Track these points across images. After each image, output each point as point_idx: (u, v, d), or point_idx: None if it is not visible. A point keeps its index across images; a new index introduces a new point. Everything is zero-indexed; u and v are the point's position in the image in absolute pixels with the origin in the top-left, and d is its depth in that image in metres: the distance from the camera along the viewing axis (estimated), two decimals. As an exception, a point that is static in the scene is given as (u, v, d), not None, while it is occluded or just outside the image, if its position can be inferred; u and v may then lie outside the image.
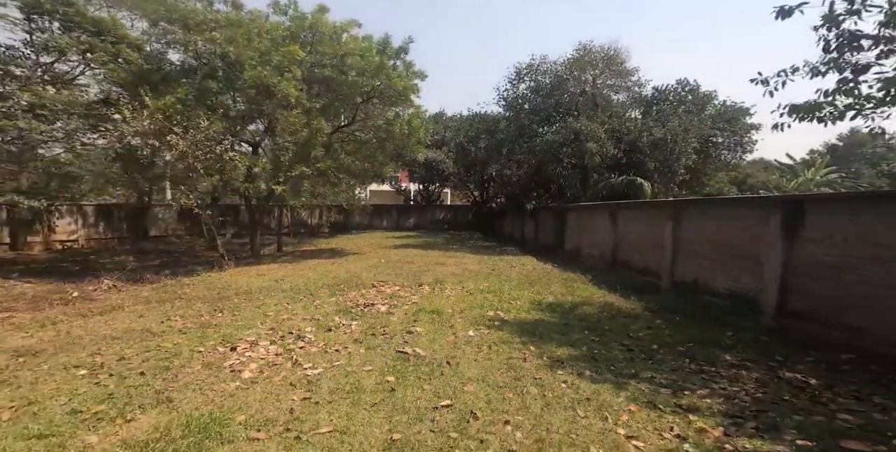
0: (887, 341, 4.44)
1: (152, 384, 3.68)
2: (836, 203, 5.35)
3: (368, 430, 2.89)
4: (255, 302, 7.10)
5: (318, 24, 12.60)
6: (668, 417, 3.22)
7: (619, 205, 10.80)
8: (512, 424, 3.02)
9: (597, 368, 4.19)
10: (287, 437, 2.80)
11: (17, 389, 3.57)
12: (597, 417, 3.17)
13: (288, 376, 3.87)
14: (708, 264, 7.42)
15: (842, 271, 5.01)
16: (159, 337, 5.13)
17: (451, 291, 7.90)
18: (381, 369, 4.00)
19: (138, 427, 2.92)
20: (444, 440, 2.78)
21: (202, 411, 3.11)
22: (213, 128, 10.31)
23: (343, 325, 5.55)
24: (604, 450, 2.71)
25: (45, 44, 11.78)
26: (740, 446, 2.82)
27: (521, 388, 3.62)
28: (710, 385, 3.83)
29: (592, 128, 13.09)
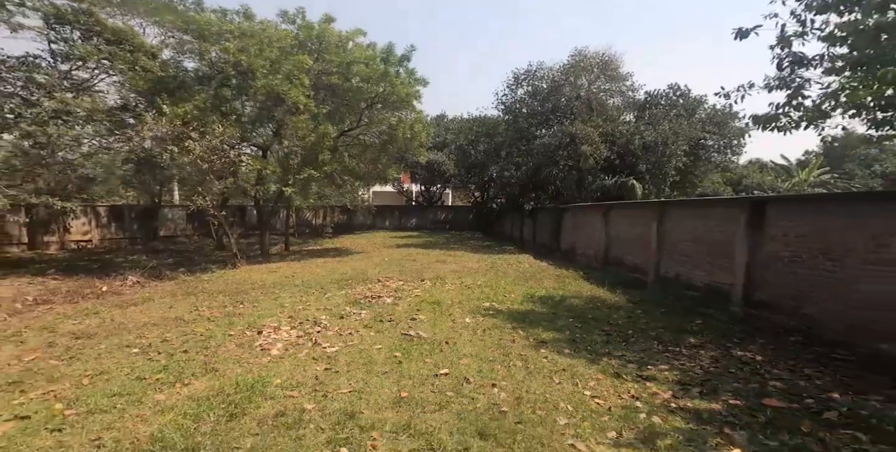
0: (831, 327, 5.11)
1: (197, 359, 4.39)
2: (793, 204, 6.03)
3: (381, 390, 3.59)
4: (271, 295, 7.81)
5: (325, 34, 13.30)
6: (629, 384, 3.91)
7: (610, 206, 11.48)
8: (498, 387, 3.71)
9: (575, 348, 4.88)
10: (316, 395, 3.50)
11: (87, 363, 4.28)
12: (569, 383, 3.86)
13: (310, 352, 4.57)
14: (688, 260, 8.10)
15: (797, 266, 5.68)
16: (192, 323, 5.84)
17: (450, 285, 8.60)
18: (389, 347, 4.70)
19: (195, 388, 3.63)
20: (442, 397, 3.48)
21: (244, 377, 3.82)
22: (228, 133, 11.04)
23: (353, 314, 6.26)
24: (570, 405, 3.40)
25: (66, 52, 12.51)
26: (682, 404, 3.50)
27: (508, 362, 4.32)
28: (670, 362, 4.51)
29: (587, 132, 13.78)
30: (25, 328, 5.61)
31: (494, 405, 3.36)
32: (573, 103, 15.12)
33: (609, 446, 2.83)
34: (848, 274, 4.97)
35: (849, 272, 4.96)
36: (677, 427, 3.09)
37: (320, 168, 12.53)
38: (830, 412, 3.34)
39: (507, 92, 17.23)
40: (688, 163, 14.47)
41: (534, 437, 2.87)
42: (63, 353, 4.59)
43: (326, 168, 12.71)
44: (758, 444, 2.88)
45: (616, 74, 15.95)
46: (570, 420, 3.16)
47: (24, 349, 4.75)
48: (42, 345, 4.86)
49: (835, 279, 5.13)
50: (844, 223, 5.04)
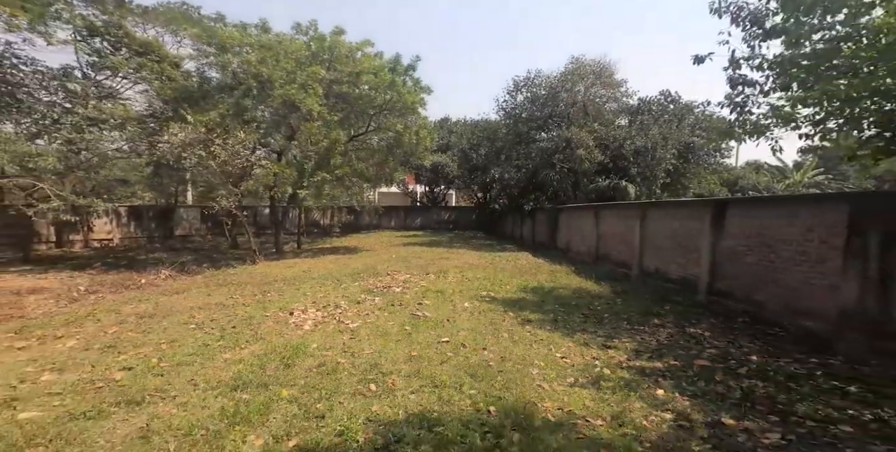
0: (772, 309, 6.11)
1: (245, 332, 5.45)
2: (748, 205, 7.02)
3: (396, 351, 4.63)
4: (293, 286, 8.89)
5: (336, 45, 14.39)
6: (594, 350, 4.93)
7: (600, 207, 12.48)
8: (487, 350, 4.75)
9: (556, 326, 5.90)
10: (345, 354, 4.56)
11: (159, 334, 5.36)
12: (544, 348, 4.89)
13: (336, 327, 5.63)
14: (666, 256, 9.09)
15: (749, 258, 6.68)
16: (231, 308, 6.91)
17: (452, 278, 9.64)
18: (401, 323, 5.76)
19: (252, 350, 4.70)
20: (443, 356, 4.52)
21: (288, 342, 4.88)
22: (249, 138, 12.14)
23: (368, 299, 7.32)
24: (542, 362, 4.43)
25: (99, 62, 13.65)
26: (632, 364, 4.52)
27: (497, 334, 5.36)
28: (633, 337, 5.53)
29: (582, 137, 14.77)
30: (94, 311, 6.72)
31: (483, 361, 4.40)
32: (570, 109, 16.12)
33: (566, 386, 3.86)
34: (784, 264, 5.96)
35: (785, 262, 5.96)
36: (622, 377, 4.11)
37: (332, 171, 13.62)
38: (742, 368, 4.36)
39: (507, 98, 18.30)
40: (678, 166, 15.42)
41: (511, 379, 3.91)
42: (136, 328, 5.67)
43: (338, 171, 13.80)
44: (678, 388, 3.89)
45: (611, 81, 16.94)
46: (541, 371, 4.19)
47: (103, 325, 5.84)
48: (115, 323, 5.95)
49: (775, 268, 6.13)
50: (784, 221, 6.03)
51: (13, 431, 2.89)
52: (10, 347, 4.88)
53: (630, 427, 3.11)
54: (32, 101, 11.81)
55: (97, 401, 3.41)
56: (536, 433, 2.97)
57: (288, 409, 3.28)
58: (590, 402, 3.50)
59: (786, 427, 3.19)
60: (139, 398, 3.47)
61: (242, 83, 12.63)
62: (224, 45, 12.94)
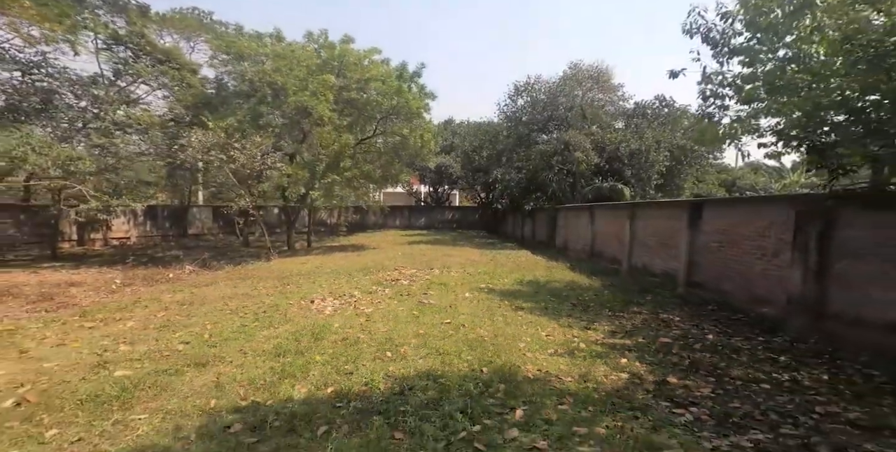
0: (737, 298, 6.95)
1: (275, 315, 6.36)
2: (719, 205, 7.86)
3: (406, 330, 5.52)
4: (309, 279, 9.80)
5: (346, 53, 15.31)
6: (575, 330, 5.79)
7: (594, 207, 13.33)
8: (483, 329, 5.63)
9: (545, 312, 6.77)
10: (363, 332, 5.45)
11: (201, 318, 6.28)
12: (532, 328, 5.76)
13: (353, 312, 6.53)
14: (651, 252, 9.94)
15: (719, 253, 7.52)
16: (257, 297, 7.83)
17: (455, 273, 10.52)
18: (409, 309, 6.65)
19: (284, 329, 5.60)
20: (446, 333, 5.40)
21: (314, 323, 5.78)
22: (265, 143, 13.08)
23: (379, 290, 8.22)
24: (529, 338, 5.30)
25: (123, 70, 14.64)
26: (605, 341, 5.38)
27: (492, 318, 6.24)
28: (612, 321, 6.38)
29: (579, 140, 15.61)
30: (139, 299, 7.66)
31: (479, 337, 5.28)
32: (568, 113, 16.96)
33: (546, 355, 4.73)
34: (747, 258, 6.80)
35: (747, 256, 6.80)
36: (594, 350, 4.97)
37: (342, 173, 14.55)
38: (698, 344, 5.22)
39: (508, 102, 19.17)
40: (671, 168, 16.23)
41: (501, 350, 4.79)
42: (180, 313, 6.60)
43: (347, 173, 14.73)
44: (639, 358, 4.75)
45: (608, 85, 17.77)
46: (527, 344, 5.06)
47: (151, 310, 6.78)
48: (161, 309, 6.89)
49: (740, 262, 6.97)
50: (747, 220, 6.87)
51: (116, 383, 3.80)
52: (81, 326, 5.82)
53: (592, 383, 3.98)
54: (64, 107, 12.80)
55: (171, 364, 4.32)
56: (518, 385, 3.85)
57: (322, 369, 4.19)
58: (563, 366, 4.37)
59: (718, 384, 4.05)
60: (203, 361, 4.38)
61: (258, 90, 13.57)
62: (242, 54, 13.88)
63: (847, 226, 5.22)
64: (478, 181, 23.44)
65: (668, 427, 3.16)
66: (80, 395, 3.52)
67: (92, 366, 4.27)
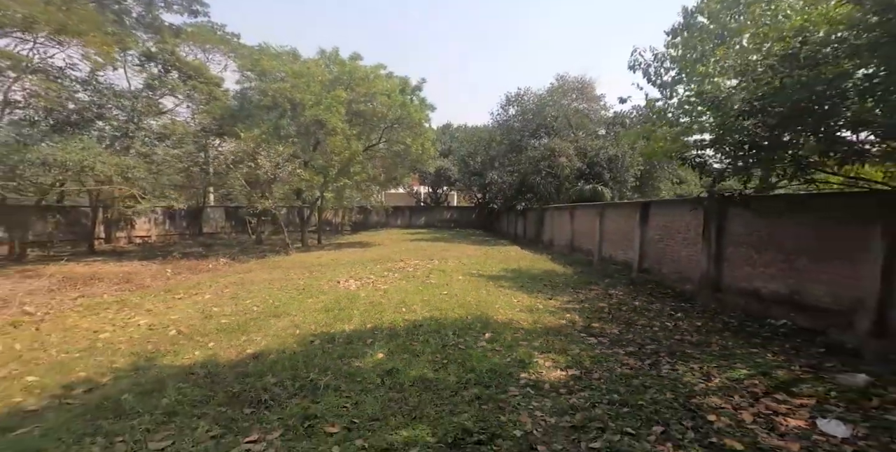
0: (670, 278, 9.07)
1: (312, 290, 8.48)
2: (661, 205, 9.98)
3: (414, 298, 7.65)
4: (330, 268, 11.92)
5: (354, 70, 17.43)
6: (539, 299, 7.91)
7: (574, 207, 15.47)
8: (470, 297, 7.75)
9: (520, 288, 8.89)
10: (383, 299, 7.57)
11: (257, 293, 8.40)
12: (507, 297, 7.89)
13: (372, 288, 8.65)
14: (615, 245, 12.06)
15: (660, 244, 9.65)
16: (292, 280, 9.94)
17: (452, 263, 12.65)
18: (415, 286, 8.78)
19: (324, 298, 7.72)
20: (443, 299, 7.53)
21: (345, 294, 7.91)
22: (286, 151, 15.19)
23: (389, 275, 10.35)
24: (503, 303, 7.41)
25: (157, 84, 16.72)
26: (559, 306, 7.50)
27: (478, 291, 8.36)
28: (570, 295, 8.49)
29: (564, 146, 17.74)
30: (199, 282, 9.78)
31: (467, 301, 7.40)
32: (554, 122, 19.11)
33: (513, 311, 6.85)
34: (678, 247, 8.93)
35: (678, 246, 8.92)
36: (549, 309, 7.09)
37: (352, 177, 16.66)
38: (624, 307, 7.34)
39: (500, 111, 21.32)
40: (646, 171, 18.36)
41: (482, 308, 6.91)
42: (239, 290, 8.71)
43: (357, 177, 16.85)
44: (579, 313, 6.87)
45: (591, 96, 19.90)
46: (500, 305, 7.18)
47: (216, 288, 8.90)
48: (222, 287, 9.01)
49: (673, 250, 9.10)
50: (678, 217, 8.99)
51: (229, 324, 5.91)
52: (172, 298, 7.94)
53: (539, 324, 6.10)
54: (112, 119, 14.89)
55: (255, 316, 6.44)
56: (489, 323, 5.97)
57: (360, 317, 6.31)
58: (523, 316, 6.50)
59: (624, 327, 6.16)
60: (277, 314, 6.50)
61: (280, 105, 15.69)
62: (264, 72, 16.00)
63: (732, 222, 7.36)
64: (474, 183, 25.60)
65: (578, 343, 5.29)
66: (212, 328, 5.65)
67: (202, 318, 6.40)
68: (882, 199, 5.17)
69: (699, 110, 7.64)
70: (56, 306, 7.51)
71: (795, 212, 6.15)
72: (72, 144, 11.74)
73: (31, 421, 3.29)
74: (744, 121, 5.29)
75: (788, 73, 4.75)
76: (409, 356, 4.61)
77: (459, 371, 4.18)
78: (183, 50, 20.24)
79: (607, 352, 4.96)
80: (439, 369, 4.24)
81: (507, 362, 4.46)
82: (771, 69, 5.06)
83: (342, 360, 4.46)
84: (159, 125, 15.13)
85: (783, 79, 4.73)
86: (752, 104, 5.09)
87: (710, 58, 7.35)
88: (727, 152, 6.04)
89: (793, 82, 4.62)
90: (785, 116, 4.74)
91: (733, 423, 3.26)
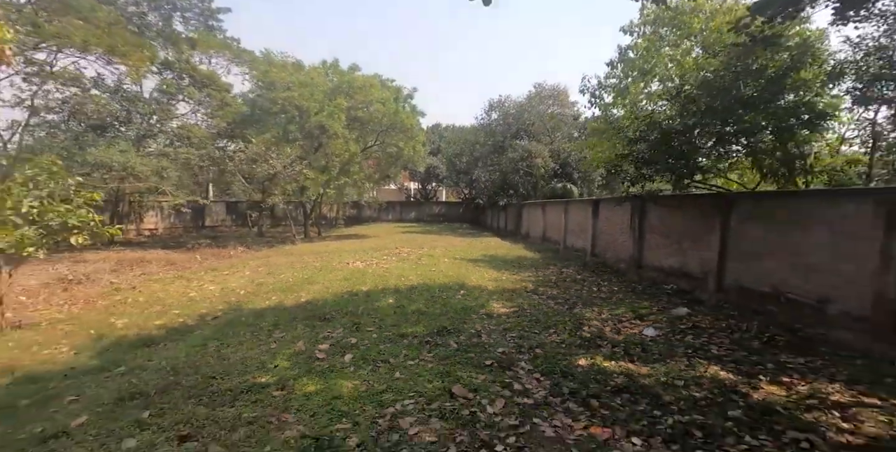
0: (611, 260, 11.72)
1: (329, 268, 10.93)
2: (605, 202, 12.61)
3: (410, 272, 10.16)
4: (336, 254, 14.35)
5: (353, 80, 19.75)
6: (506, 274, 10.48)
7: (545, 203, 18.08)
8: (452, 272, 10.29)
9: (494, 267, 11.45)
10: (385, 273, 10.06)
11: (285, 271, 10.83)
12: (481, 273, 10.44)
13: (376, 267, 11.14)
14: (576, 235, 14.68)
15: (606, 233, 12.27)
16: (309, 263, 12.35)
17: (440, 251, 15.18)
18: (410, 266, 11.29)
19: (340, 273, 10.20)
20: (432, 273, 10.05)
21: (360, 270, 10.40)
22: (294, 153, 17.52)
23: (388, 258, 12.84)
24: (476, 276, 9.95)
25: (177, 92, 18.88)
26: (520, 278, 10.07)
27: (459, 269, 10.90)
28: (531, 272, 11.07)
29: (539, 149, 20.32)
30: (232, 264, 12.15)
31: (450, 274, 9.93)
32: (531, 127, 21.70)
33: (483, 280, 9.39)
34: (617, 235, 11.56)
35: (617, 234, 11.55)
36: (511, 280, 9.65)
37: (352, 176, 19.05)
38: (569, 279, 9.95)
39: (484, 115, 23.83)
40: (611, 171, 21.06)
41: (460, 278, 9.44)
42: (269, 270, 11.12)
43: (355, 176, 19.24)
44: (533, 283, 9.44)
45: (565, 102, 22.48)
46: (475, 278, 9.71)
47: (252, 268, 11.30)
48: (256, 267, 11.40)
49: (614, 238, 11.73)
50: (617, 210, 11.61)
51: (274, 288, 8.37)
52: (219, 275, 10.34)
53: (501, 287, 8.65)
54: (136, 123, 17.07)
55: (293, 285, 8.90)
56: (465, 286, 8.51)
57: (371, 283, 8.80)
58: (490, 283, 9.05)
59: (562, 290, 8.74)
60: (311, 282, 8.97)
61: (287, 112, 17.98)
62: (273, 82, 18.26)
63: (649, 216, 9.99)
64: (461, 180, 28.10)
65: (524, 297, 7.85)
66: (268, 290, 8.12)
67: (255, 285, 8.84)
68: (716, 200, 7.80)
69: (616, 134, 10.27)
70: (131, 281, 9.88)
71: (680, 207, 8.79)
72: (113, 148, 13.97)
73: (194, 329, 5.75)
74: (636, 145, 7.89)
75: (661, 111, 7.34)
76: (409, 301, 7.13)
77: (442, 307, 6.72)
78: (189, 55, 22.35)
79: (542, 302, 7.54)
80: (429, 306, 6.77)
81: (473, 304, 7.01)
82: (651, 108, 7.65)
83: (367, 303, 6.98)
84: (179, 128, 17.31)
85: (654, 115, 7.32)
86: (637, 133, 7.69)
87: (630, 90, 9.96)
88: (632, 165, 8.64)
89: (663, 118, 7.21)
90: (656, 144, 7.34)
91: (596, 330, 5.84)
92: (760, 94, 6.89)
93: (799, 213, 6.02)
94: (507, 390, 3.80)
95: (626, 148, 8.66)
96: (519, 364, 4.44)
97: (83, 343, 5.17)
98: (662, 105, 8.42)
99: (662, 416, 3.37)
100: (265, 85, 18.38)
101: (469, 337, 5.32)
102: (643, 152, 7.76)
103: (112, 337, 5.35)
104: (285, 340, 5.13)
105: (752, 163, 8.99)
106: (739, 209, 7.13)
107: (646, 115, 7.64)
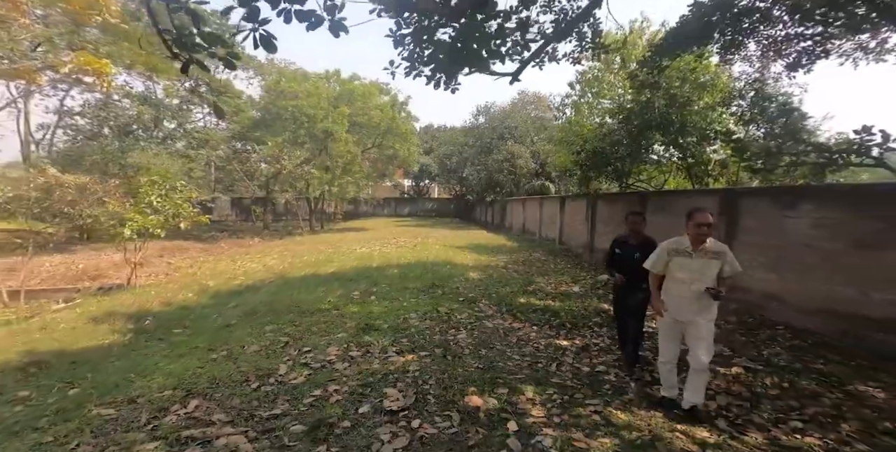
0: (573, 247, 14.48)
1: (341, 253, 13.58)
2: (570, 198, 15.37)
3: (407, 255, 12.84)
4: (343, 243, 16.98)
5: (354, 89, 22.31)
6: (485, 256, 13.20)
7: (525, 199, 20.84)
8: (442, 255, 12.99)
9: (476, 252, 14.16)
10: (388, 256, 12.73)
11: (306, 255, 13.48)
12: (465, 255, 13.15)
13: (379, 251, 13.81)
14: (549, 227, 17.44)
15: (571, 225, 15.03)
16: (323, 250, 14.97)
17: (432, 240, 17.86)
18: (408, 251, 13.98)
19: (352, 256, 12.86)
20: (425, 256, 12.73)
21: (367, 253, 13.09)
22: (303, 155, 20.07)
23: (388, 246, 15.51)
24: (462, 258, 12.68)
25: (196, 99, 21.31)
26: (496, 260, 12.81)
27: (447, 254, 13.60)
28: (507, 256, 13.79)
29: (521, 151, 23.03)
30: (259, 251, 14.75)
31: (440, 257, 12.63)
32: (515, 130, 24.41)
33: (467, 260, 12.11)
34: (578, 226, 14.32)
35: (578, 225, 14.31)
36: (488, 260, 12.37)
37: (353, 175, 21.65)
38: (539, 261, 12.70)
39: (472, 119, 26.52)
40: (586, 171, 23.92)
41: (447, 259, 12.16)
42: (292, 254, 13.74)
43: (356, 175, 21.85)
44: (507, 262, 12.17)
45: (545, 107, 25.18)
46: (460, 259, 12.42)
47: (277, 253, 13.91)
48: (279, 254, 14.01)
49: (575, 228, 14.49)
50: (580, 206, 14.36)
51: (303, 266, 11.03)
52: (255, 258, 12.95)
53: (479, 264, 11.37)
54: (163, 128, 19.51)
55: (317, 264, 11.55)
56: (452, 263, 11.21)
57: (378, 262, 11.47)
58: (471, 263, 11.75)
59: (525, 267, 11.48)
60: (329, 262, 11.62)
61: (297, 118, 20.52)
62: (283, 91, 20.77)
63: (600, 209, 12.75)
64: (452, 178, 30.79)
65: (495, 270, 10.58)
66: (299, 266, 10.79)
67: (287, 264, 11.48)
68: (638, 197, 10.55)
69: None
70: (183, 262, 12.47)
71: (617, 203, 11.56)
72: (147, 152, 16.47)
73: (262, 287, 8.40)
74: (579, 156, 10.64)
75: (595, 131, 10.06)
76: (409, 271, 9.83)
77: (433, 275, 9.42)
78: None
79: (508, 272, 10.29)
80: (424, 274, 9.47)
81: (455, 273, 9.72)
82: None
83: (378, 272, 9.67)
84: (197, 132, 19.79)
85: (587, 133, 10.05)
86: (580, 146, 10.43)
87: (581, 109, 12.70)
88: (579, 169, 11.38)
89: (592, 137, 9.94)
90: (591, 156, 10.09)
91: (540, 288, 8.57)
92: (664, 118, 9.66)
93: (676, 205, 8.80)
94: (471, 310, 6.53)
95: (576, 156, 11.40)
96: (481, 300, 7.17)
97: (196, 294, 7.82)
98: (602, 123, 11.15)
99: (554, 320, 6.11)
100: (276, 94, 20.86)
101: (451, 289, 8.04)
102: (585, 161, 10.50)
103: (211, 291, 8.01)
104: (329, 290, 7.81)
105: (668, 169, 11.82)
106: (651, 203, 9.91)
107: (588, 130, 10.40)
